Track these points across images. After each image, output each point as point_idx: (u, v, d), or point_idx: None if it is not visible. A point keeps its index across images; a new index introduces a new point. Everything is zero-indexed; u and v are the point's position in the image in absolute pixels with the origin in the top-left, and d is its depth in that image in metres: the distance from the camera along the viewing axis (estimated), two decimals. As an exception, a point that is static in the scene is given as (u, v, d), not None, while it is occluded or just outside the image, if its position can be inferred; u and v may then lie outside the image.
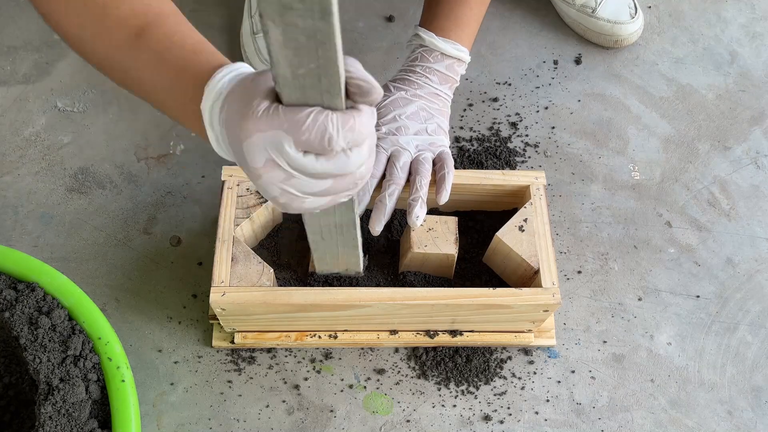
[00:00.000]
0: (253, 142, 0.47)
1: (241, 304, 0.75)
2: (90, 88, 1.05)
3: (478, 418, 0.84)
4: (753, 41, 1.16)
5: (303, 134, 0.46)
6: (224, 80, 0.53)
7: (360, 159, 0.49)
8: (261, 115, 0.47)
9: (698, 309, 0.92)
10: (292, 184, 0.49)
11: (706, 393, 0.87)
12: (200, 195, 0.96)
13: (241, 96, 0.49)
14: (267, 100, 0.47)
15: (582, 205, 0.99)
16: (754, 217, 0.99)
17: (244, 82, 0.50)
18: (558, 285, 0.78)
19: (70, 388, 0.71)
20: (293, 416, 0.83)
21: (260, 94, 0.48)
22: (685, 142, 1.05)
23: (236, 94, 0.50)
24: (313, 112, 0.46)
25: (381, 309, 0.78)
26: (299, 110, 0.46)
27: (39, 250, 0.91)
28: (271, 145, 0.47)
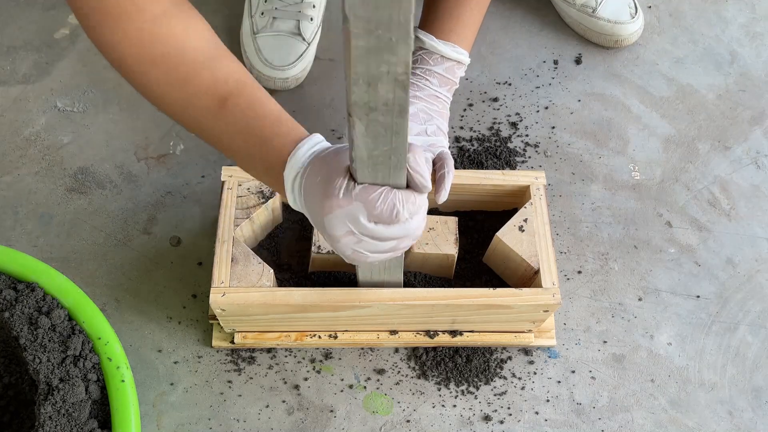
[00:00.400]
0: (335, 216, 0.57)
1: (241, 304, 0.75)
2: (90, 88, 1.05)
3: (478, 418, 0.84)
4: (753, 41, 1.16)
5: (376, 209, 0.56)
6: (306, 155, 0.61)
7: (418, 224, 0.60)
8: (341, 194, 0.57)
9: (698, 309, 0.92)
10: (363, 246, 0.60)
11: (706, 393, 0.87)
12: (200, 195, 0.96)
13: (321, 172, 0.58)
14: (344, 178, 0.57)
15: (582, 205, 0.99)
16: (755, 217, 0.99)
17: (324, 160, 0.59)
18: (558, 285, 0.78)
19: (70, 388, 0.71)
20: (293, 416, 0.83)
21: (339, 173, 0.57)
22: (686, 142, 1.05)
23: (316, 169, 0.59)
24: (384, 191, 0.56)
25: (381, 309, 0.78)
26: (372, 189, 0.56)
27: (39, 250, 0.91)
28: (350, 218, 0.57)
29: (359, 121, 0.49)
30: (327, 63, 1.09)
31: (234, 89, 0.64)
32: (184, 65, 0.63)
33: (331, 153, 0.60)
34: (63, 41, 1.09)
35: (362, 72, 0.45)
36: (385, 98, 0.47)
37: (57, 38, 1.09)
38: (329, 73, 1.07)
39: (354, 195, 0.56)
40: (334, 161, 0.58)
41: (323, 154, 0.60)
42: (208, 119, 0.64)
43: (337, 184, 0.57)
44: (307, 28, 1.03)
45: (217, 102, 0.63)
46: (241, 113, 0.63)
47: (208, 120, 0.64)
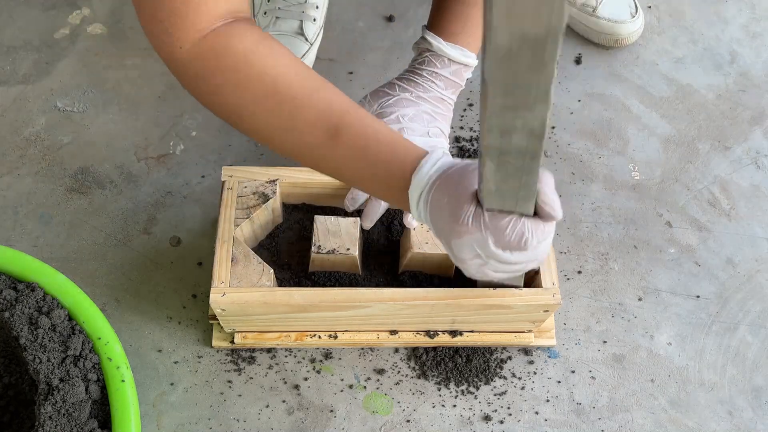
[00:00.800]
0: (463, 242, 0.59)
1: (241, 304, 0.75)
2: (90, 88, 1.05)
3: (478, 418, 0.84)
4: (753, 41, 1.16)
5: (504, 238, 0.58)
6: (430, 173, 0.62)
7: (546, 250, 0.61)
8: (471, 222, 0.58)
9: (698, 309, 0.92)
10: (489, 267, 0.61)
11: (706, 393, 0.87)
12: (200, 195, 0.96)
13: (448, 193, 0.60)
14: (473, 205, 0.58)
15: (582, 205, 0.99)
16: (755, 217, 0.99)
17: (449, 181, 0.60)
18: (558, 285, 0.78)
19: (70, 388, 0.71)
20: (293, 416, 0.83)
21: (466, 199, 0.58)
22: (685, 142, 1.05)
23: (442, 189, 0.60)
24: (512, 220, 0.57)
25: (381, 309, 0.78)
26: (501, 218, 0.58)
27: (39, 250, 0.91)
28: (478, 244, 0.59)
29: (490, 161, 0.51)
30: (327, 63, 1.09)
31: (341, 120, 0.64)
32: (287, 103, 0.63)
33: (457, 173, 0.60)
34: (63, 41, 1.09)
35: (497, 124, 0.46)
36: (518, 146, 0.48)
37: (57, 38, 1.09)
38: (330, 73, 1.07)
39: (483, 223, 0.58)
40: (461, 184, 0.59)
41: (449, 173, 0.61)
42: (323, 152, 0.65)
43: (466, 211, 0.58)
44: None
45: (327, 135, 0.64)
46: (353, 142, 0.64)
47: (322, 153, 0.65)
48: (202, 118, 1.03)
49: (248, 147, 1.00)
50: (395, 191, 0.64)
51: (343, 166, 0.66)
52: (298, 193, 0.86)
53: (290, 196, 0.87)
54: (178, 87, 1.05)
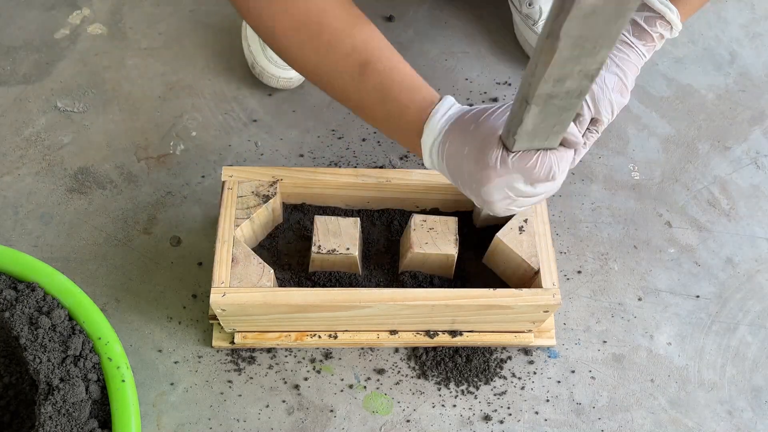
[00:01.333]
0: (494, 186, 0.61)
1: (241, 304, 0.75)
2: (90, 88, 1.05)
3: (478, 418, 0.84)
4: (753, 41, 1.16)
5: (534, 175, 0.60)
6: (441, 122, 0.64)
7: (565, 177, 0.63)
8: (499, 165, 0.60)
9: (698, 309, 0.92)
10: (516, 204, 0.64)
11: (706, 393, 0.87)
12: (200, 195, 0.96)
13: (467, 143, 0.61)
14: (497, 148, 0.59)
15: (582, 205, 0.99)
16: (754, 217, 0.99)
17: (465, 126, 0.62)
18: (558, 285, 0.78)
19: (70, 388, 0.71)
20: (293, 416, 0.83)
21: (491, 144, 0.60)
22: (685, 142, 1.05)
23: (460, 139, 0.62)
24: (539, 156, 0.59)
25: (381, 309, 0.78)
26: (528, 156, 0.59)
27: (39, 250, 0.91)
28: (508, 185, 0.61)
29: (535, 107, 0.50)
30: (327, 63, 1.09)
31: (372, 56, 0.66)
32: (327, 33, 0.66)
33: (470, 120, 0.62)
34: (63, 41, 1.09)
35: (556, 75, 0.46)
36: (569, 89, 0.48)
37: (57, 38, 1.09)
38: (329, 73, 1.07)
39: (512, 164, 0.59)
40: (479, 131, 0.61)
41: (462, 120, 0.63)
42: (350, 84, 0.67)
43: (493, 156, 0.59)
44: None
45: (358, 68, 0.66)
46: (378, 79, 0.66)
47: (349, 85, 0.68)
48: (202, 118, 1.03)
49: (248, 147, 1.00)
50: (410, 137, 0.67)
51: (366, 103, 0.68)
52: (298, 193, 0.86)
53: (290, 196, 0.87)
54: (178, 87, 1.05)
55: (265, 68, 1.01)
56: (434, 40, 1.12)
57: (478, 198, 0.64)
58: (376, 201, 0.88)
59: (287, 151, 1.00)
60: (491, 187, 0.61)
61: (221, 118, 1.03)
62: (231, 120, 1.03)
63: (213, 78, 1.06)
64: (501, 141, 0.60)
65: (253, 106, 1.04)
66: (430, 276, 0.85)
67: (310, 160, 1.00)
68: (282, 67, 1.01)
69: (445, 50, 1.11)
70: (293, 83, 1.03)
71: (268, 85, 1.03)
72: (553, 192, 0.65)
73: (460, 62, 1.10)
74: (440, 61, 1.10)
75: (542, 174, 0.60)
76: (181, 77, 1.06)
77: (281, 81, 1.02)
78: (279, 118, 1.03)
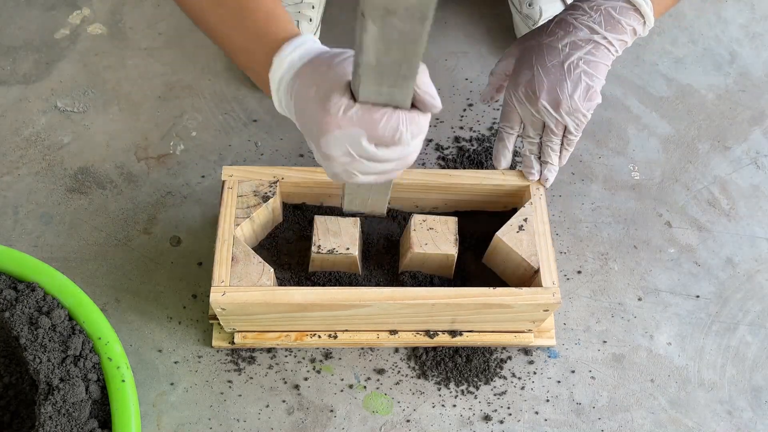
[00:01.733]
0: (333, 137, 0.55)
1: (241, 303, 0.75)
2: (90, 88, 1.05)
3: (478, 418, 0.84)
4: (753, 41, 1.16)
5: (378, 132, 0.54)
6: (293, 55, 0.58)
7: (417, 147, 0.57)
8: (341, 114, 0.53)
9: (698, 309, 0.92)
10: (356, 166, 0.57)
11: (706, 393, 0.87)
12: (200, 195, 0.96)
13: (316, 83, 0.55)
14: (344, 96, 0.53)
15: (582, 205, 0.99)
16: (754, 217, 0.99)
17: (318, 66, 0.56)
18: (558, 285, 0.78)
19: (70, 388, 0.71)
20: (293, 416, 0.83)
21: (337, 89, 0.54)
22: (685, 142, 1.05)
23: (309, 78, 0.56)
24: (387, 113, 0.53)
25: (381, 309, 0.78)
26: (375, 110, 0.53)
27: (39, 250, 0.91)
28: (349, 140, 0.54)
29: (373, 24, 0.45)
30: (327, 63, 1.09)
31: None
32: None
33: (325, 60, 0.56)
34: (63, 41, 1.09)
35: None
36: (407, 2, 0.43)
37: (57, 38, 1.09)
38: (329, 73, 1.07)
39: (355, 116, 0.53)
40: (330, 73, 0.55)
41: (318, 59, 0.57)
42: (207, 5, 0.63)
43: (337, 103, 0.53)
44: (305, 28, 1.04)
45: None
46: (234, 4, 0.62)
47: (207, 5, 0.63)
48: (202, 118, 1.03)
49: (248, 147, 1.00)
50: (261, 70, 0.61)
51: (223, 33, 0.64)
52: (298, 193, 0.86)
53: (290, 196, 0.87)
54: (178, 87, 1.05)
55: None
56: (434, 40, 1.12)
57: (318, 151, 0.57)
58: (376, 201, 0.88)
59: (287, 151, 1.00)
60: (330, 139, 0.55)
61: (221, 118, 1.03)
62: (231, 120, 1.03)
63: (213, 78, 1.06)
64: (349, 88, 0.54)
65: (253, 106, 1.04)
66: (430, 276, 0.85)
67: (310, 160, 1.00)
68: None
69: (445, 50, 1.11)
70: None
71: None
72: (403, 164, 0.58)
73: (460, 62, 1.10)
74: (440, 61, 1.10)
75: (387, 132, 0.54)
76: (181, 77, 1.06)
77: None
78: (279, 118, 1.03)
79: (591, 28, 0.74)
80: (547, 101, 0.75)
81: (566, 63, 0.74)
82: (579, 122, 0.76)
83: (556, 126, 0.77)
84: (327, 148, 0.56)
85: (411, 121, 0.54)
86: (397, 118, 0.54)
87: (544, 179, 0.83)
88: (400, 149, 0.56)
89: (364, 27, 0.45)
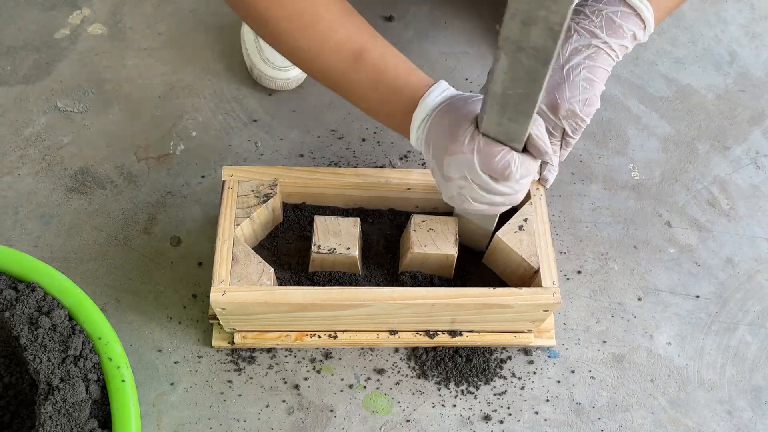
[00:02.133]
0: (454, 159, 0.64)
1: (241, 303, 0.75)
2: (90, 88, 1.05)
3: (478, 418, 0.84)
4: (753, 41, 1.16)
5: (493, 163, 0.62)
6: (437, 99, 0.67)
7: (525, 187, 0.66)
8: (467, 141, 0.62)
9: (698, 309, 0.92)
10: (468, 191, 0.66)
11: (706, 393, 0.87)
12: (200, 195, 0.96)
13: (450, 116, 0.64)
14: (471, 126, 0.62)
15: (582, 205, 0.99)
16: (754, 217, 1.00)
17: (455, 102, 0.65)
18: (558, 285, 0.78)
19: (70, 388, 0.71)
20: (293, 416, 0.83)
21: (467, 121, 0.63)
22: (685, 142, 1.05)
23: (445, 113, 0.65)
24: (504, 150, 0.62)
25: (381, 309, 0.78)
26: (494, 145, 0.62)
27: (39, 250, 0.91)
28: (467, 164, 0.63)
29: (505, 56, 0.53)
30: (327, 63, 1.09)
31: (366, 45, 0.69)
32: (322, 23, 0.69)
33: (461, 100, 0.65)
34: (63, 41, 1.09)
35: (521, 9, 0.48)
36: (535, 42, 0.50)
37: (57, 38, 1.09)
38: (329, 73, 1.07)
39: (477, 145, 0.62)
40: (463, 108, 0.64)
41: (454, 99, 0.66)
42: (344, 72, 0.70)
43: (464, 131, 0.62)
44: None
45: (352, 55, 0.69)
46: (373, 67, 0.69)
47: (343, 72, 0.70)
48: (202, 118, 1.03)
49: (248, 147, 1.00)
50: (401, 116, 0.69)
51: (360, 88, 0.70)
52: (298, 193, 0.86)
53: (290, 195, 0.87)
54: (178, 87, 1.05)
55: (263, 71, 1.01)
56: (434, 40, 1.12)
57: (440, 171, 0.66)
58: (376, 201, 0.88)
59: (287, 151, 1.00)
60: (451, 161, 0.64)
61: (221, 118, 1.03)
62: (231, 120, 1.03)
63: (213, 78, 1.06)
64: (476, 122, 0.63)
65: (253, 106, 1.04)
66: (430, 276, 0.85)
67: (310, 160, 1.00)
68: (280, 68, 1.01)
69: (445, 50, 1.11)
70: (291, 84, 1.03)
71: (267, 86, 1.04)
72: (511, 200, 0.67)
73: (460, 62, 1.10)
74: (440, 61, 1.10)
75: (500, 166, 0.62)
76: (181, 77, 1.06)
77: (279, 83, 1.02)
78: (279, 118, 1.03)
79: (592, 32, 0.75)
80: (545, 105, 0.75)
81: (566, 67, 0.75)
82: (577, 127, 0.76)
83: (555, 129, 0.77)
84: (447, 169, 0.65)
85: (522, 162, 0.63)
86: (510, 156, 0.62)
87: (544, 180, 0.83)
88: (510, 185, 0.65)
89: (497, 58, 0.54)
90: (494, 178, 0.64)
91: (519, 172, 0.63)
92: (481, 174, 0.63)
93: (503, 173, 0.63)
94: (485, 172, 0.63)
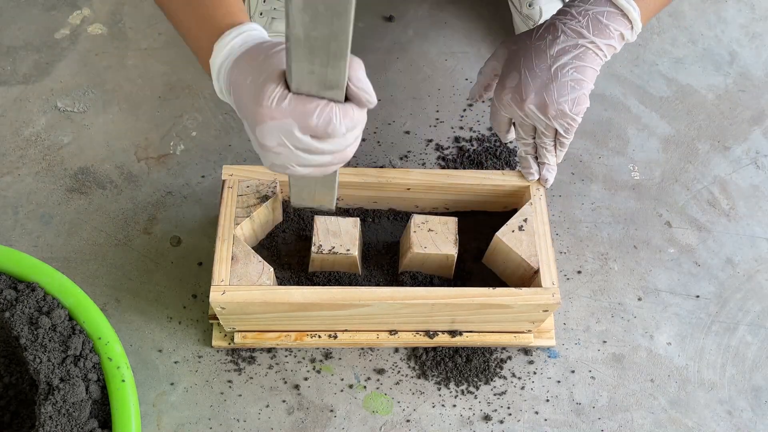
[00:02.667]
0: (267, 127, 0.55)
1: (241, 302, 0.75)
2: (90, 88, 1.05)
3: (478, 418, 0.84)
4: (753, 41, 1.16)
5: (311, 123, 0.54)
6: (234, 42, 0.59)
7: (353, 141, 0.58)
8: (274, 105, 0.53)
9: (698, 309, 0.92)
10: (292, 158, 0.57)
11: (706, 393, 0.87)
12: (200, 195, 0.96)
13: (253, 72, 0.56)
14: (278, 86, 0.53)
15: (582, 205, 0.99)
16: (754, 217, 0.99)
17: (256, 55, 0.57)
18: (558, 285, 0.78)
19: (70, 388, 0.71)
20: (293, 416, 0.83)
21: (272, 79, 0.54)
22: (685, 142, 1.05)
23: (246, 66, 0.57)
24: (320, 104, 0.53)
25: (381, 308, 0.78)
26: (308, 101, 0.53)
27: (39, 250, 0.91)
28: (283, 131, 0.54)
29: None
30: (327, 63, 1.09)
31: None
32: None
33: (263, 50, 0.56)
34: (63, 41, 1.09)
35: None
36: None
37: (57, 38, 1.09)
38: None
39: (288, 107, 0.53)
40: (267, 62, 0.55)
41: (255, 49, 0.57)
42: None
43: (270, 93, 0.53)
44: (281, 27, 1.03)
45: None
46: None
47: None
48: (202, 118, 1.03)
49: (248, 147, 1.00)
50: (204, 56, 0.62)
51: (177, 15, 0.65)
52: (298, 193, 0.86)
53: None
54: (178, 87, 1.05)
55: None
56: (434, 40, 1.12)
57: (255, 140, 0.58)
58: (376, 201, 0.88)
59: (287, 151, 1.00)
60: (264, 128, 0.55)
61: (221, 118, 1.03)
62: (231, 120, 1.03)
63: (213, 78, 1.06)
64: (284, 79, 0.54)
65: (253, 106, 1.04)
66: (429, 276, 0.85)
67: (310, 160, 1.00)
68: None
69: (445, 50, 1.11)
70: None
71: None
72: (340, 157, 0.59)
73: (460, 62, 1.10)
74: (440, 61, 1.10)
75: (320, 123, 0.54)
76: (181, 77, 1.06)
77: None
78: (279, 118, 1.03)
79: (579, 32, 0.75)
80: (535, 105, 0.75)
81: (554, 67, 0.74)
82: (569, 126, 0.76)
83: (546, 129, 0.77)
84: (262, 138, 0.56)
85: (344, 114, 0.54)
86: (330, 110, 0.53)
87: (543, 179, 0.83)
88: (336, 142, 0.56)
89: None
90: (317, 137, 0.55)
91: (344, 126, 0.54)
92: (301, 137, 0.55)
93: (326, 130, 0.54)
94: (305, 134, 0.55)
